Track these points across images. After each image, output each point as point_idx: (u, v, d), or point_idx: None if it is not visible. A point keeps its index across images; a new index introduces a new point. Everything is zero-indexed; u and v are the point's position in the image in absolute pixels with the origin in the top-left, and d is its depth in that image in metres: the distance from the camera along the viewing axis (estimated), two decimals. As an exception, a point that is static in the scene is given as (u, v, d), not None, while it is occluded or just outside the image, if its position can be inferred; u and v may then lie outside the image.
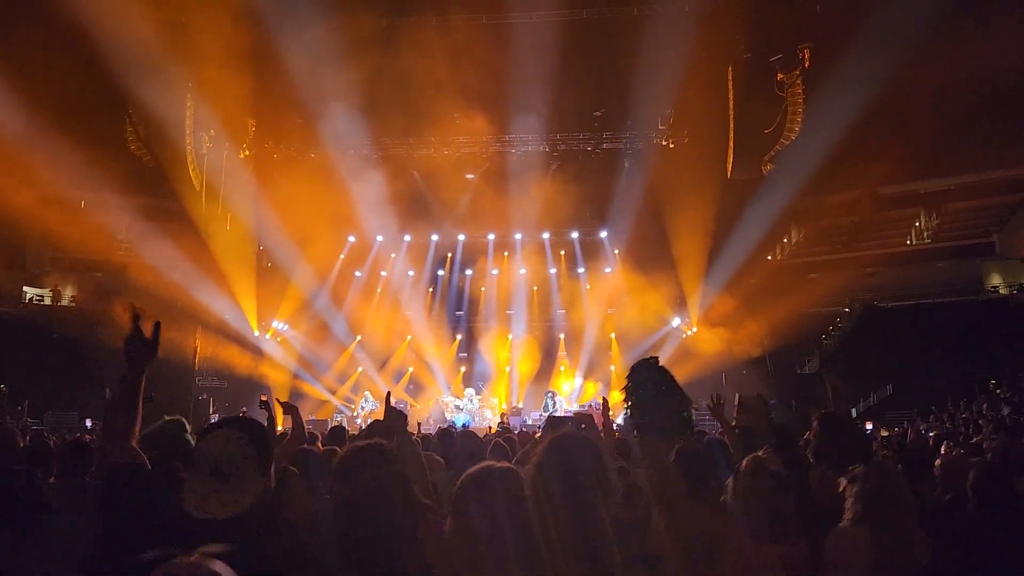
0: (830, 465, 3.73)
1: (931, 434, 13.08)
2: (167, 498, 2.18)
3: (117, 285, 25.23)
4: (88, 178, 23.90)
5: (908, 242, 29.57)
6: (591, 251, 28.23)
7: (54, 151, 22.06)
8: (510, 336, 28.00)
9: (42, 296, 27.57)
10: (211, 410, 23.69)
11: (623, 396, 3.08)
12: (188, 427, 4.43)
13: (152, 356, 3.08)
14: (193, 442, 4.46)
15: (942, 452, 7.08)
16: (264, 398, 6.95)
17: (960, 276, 27.78)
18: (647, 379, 3.10)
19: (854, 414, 23.35)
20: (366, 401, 24.57)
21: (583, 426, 3.89)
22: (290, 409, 5.65)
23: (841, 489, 3.23)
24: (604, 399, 5.22)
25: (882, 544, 2.93)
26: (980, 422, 15.46)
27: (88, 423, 19.40)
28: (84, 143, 22.71)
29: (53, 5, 21.34)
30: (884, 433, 17.09)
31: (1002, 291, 26.93)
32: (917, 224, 29.86)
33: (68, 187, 24.28)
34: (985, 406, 18.39)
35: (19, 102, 20.69)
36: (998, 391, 20.62)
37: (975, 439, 10.40)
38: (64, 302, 27.74)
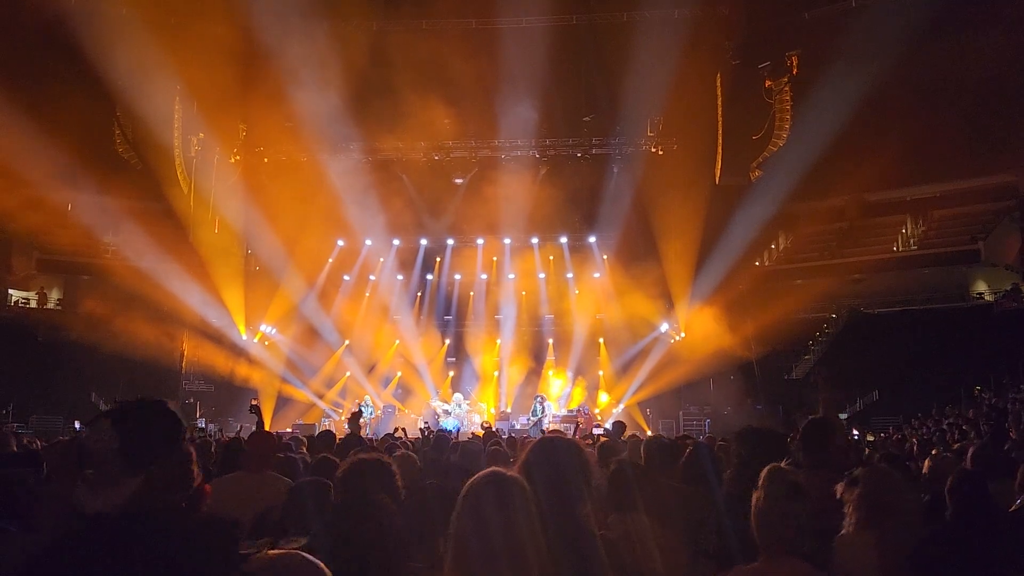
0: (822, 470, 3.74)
1: (913, 440, 13.19)
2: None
3: (103, 288, 25.09)
4: (75, 180, 23.81)
5: (894, 249, 29.75)
6: (580, 256, 28.26)
7: (40, 153, 21.94)
8: (498, 341, 27.99)
9: (28, 299, 27.36)
10: (197, 414, 23.58)
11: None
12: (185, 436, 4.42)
13: None
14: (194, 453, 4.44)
15: (933, 454, 7.13)
16: (255, 402, 6.95)
17: (946, 283, 27.96)
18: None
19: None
20: (365, 406, 24.39)
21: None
22: (255, 411, 5.84)
23: (840, 495, 3.23)
24: (585, 410, 5.30)
25: (887, 549, 2.93)
26: (964, 427, 15.57)
27: (77, 425, 19.24)
28: (71, 145, 22.61)
29: (40, 5, 21.28)
30: (870, 438, 17.22)
31: (987, 298, 27.12)
32: (903, 231, 30.06)
33: (55, 189, 24.16)
34: (971, 412, 18.52)
35: (4, 103, 20.56)
36: (982, 397, 20.77)
37: (956, 445, 10.47)
38: (50, 305, 27.54)
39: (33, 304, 27.28)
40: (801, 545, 2.63)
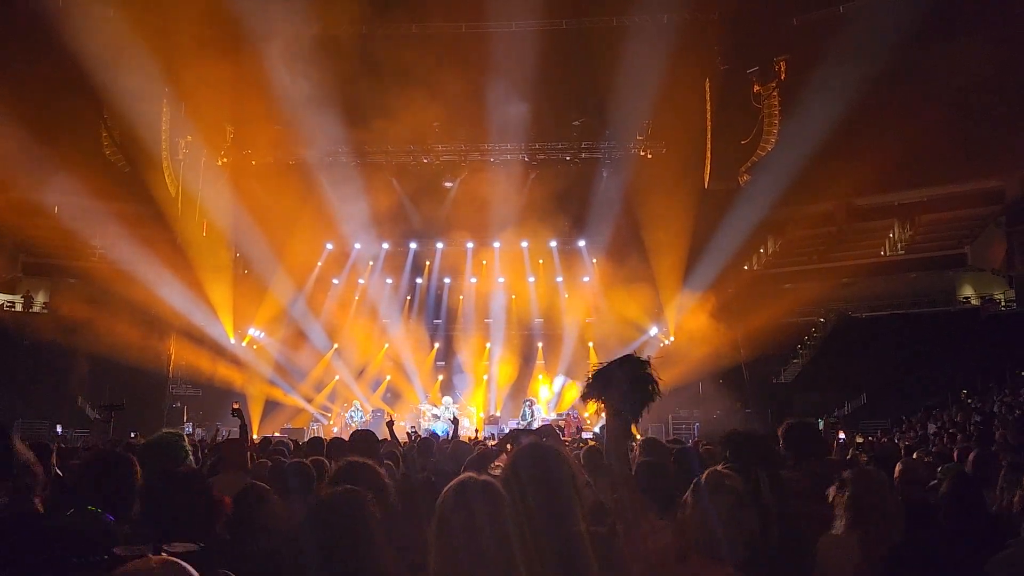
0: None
1: (902, 443, 13.22)
2: None
3: (91, 291, 24.91)
4: (62, 183, 23.62)
5: (882, 253, 29.90)
6: (569, 260, 28.27)
7: (27, 155, 21.76)
8: (488, 344, 27.95)
9: (13, 302, 27.12)
10: (184, 418, 23.40)
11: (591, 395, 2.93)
12: (185, 436, 4.45)
13: None
14: (189, 450, 4.44)
15: (904, 458, 7.14)
16: (236, 406, 6.90)
17: (933, 287, 28.14)
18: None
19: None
20: (355, 411, 24.32)
21: (545, 438, 3.83)
22: (237, 415, 5.94)
23: (831, 498, 3.23)
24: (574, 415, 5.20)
25: (870, 549, 2.92)
26: (952, 431, 15.64)
27: (59, 430, 19.05)
28: (58, 147, 22.44)
29: (28, 8, 21.14)
30: (859, 439, 17.23)
31: (973, 302, 27.31)
32: (891, 235, 30.21)
33: (41, 192, 23.98)
34: (959, 415, 18.61)
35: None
36: (969, 400, 20.88)
37: (935, 449, 10.52)
38: (36, 308, 27.30)
39: (18, 307, 27.04)
40: (734, 552, 2.58)
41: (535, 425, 22.16)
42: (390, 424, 8.63)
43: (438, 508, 2.24)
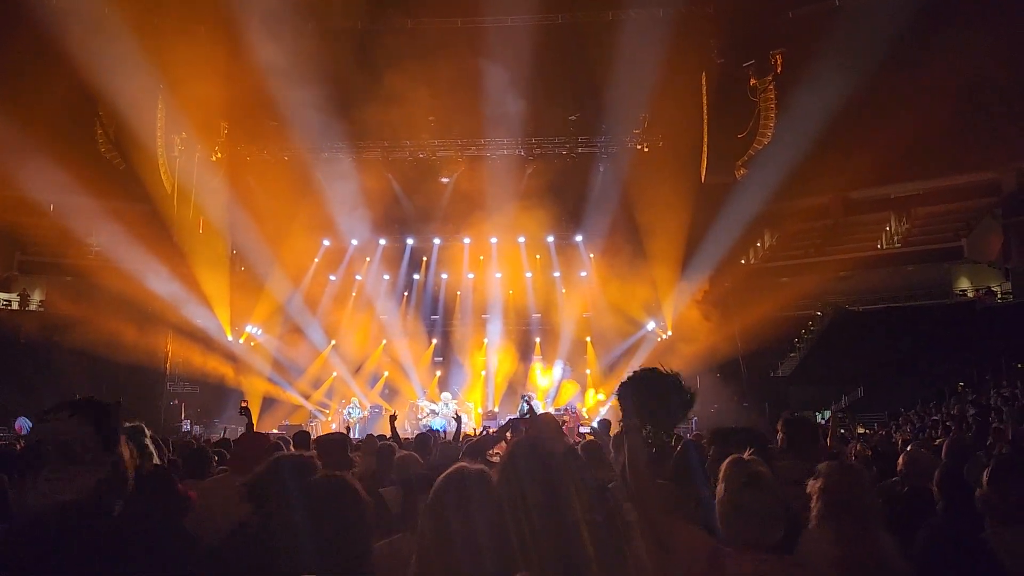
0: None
1: (899, 437, 13.24)
2: None
3: (87, 289, 24.87)
4: (57, 181, 23.55)
5: (879, 246, 29.93)
6: (566, 255, 28.26)
7: (22, 153, 21.69)
8: (485, 340, 27.95)
9: (9, 301, 27.07)
10: (182, 416, 23.40)
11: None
12: (148, 433, 4.34)
13: None
14: (153, 448, 4.38)
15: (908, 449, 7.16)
16: (244, 404, 6.93)
17: (929, 280, 28.17)
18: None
19: (826, 416, 23.60)
20: (353, 407, 24.33)
21: (544, 427, 3.84)
22: (245, 413, 6.00)
23: (808, 490, 3.23)
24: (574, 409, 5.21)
25: (846, 544, 2.92)
26: (948, 423, 15.68)
27: (18, 423, 19.00)
28: (53, 145, 22.36)
29: (21, 5, 21.05)
30: (861, 430, 17.28)
31: (970, 295, 27.36)
32: (888, 228, 30.24)
33: (36, 190, 23.92)
34: (956, 408, 18.66)
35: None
36: (966, 393, 20.94)
37: (937, 442, 10.55)
38: (32, 306, 27.26)
39: (14, 306, 26.99)
40: (762, 536, 2.57)
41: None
42: (393, 419, 8.71)
43: (434, 491, 2.27)
